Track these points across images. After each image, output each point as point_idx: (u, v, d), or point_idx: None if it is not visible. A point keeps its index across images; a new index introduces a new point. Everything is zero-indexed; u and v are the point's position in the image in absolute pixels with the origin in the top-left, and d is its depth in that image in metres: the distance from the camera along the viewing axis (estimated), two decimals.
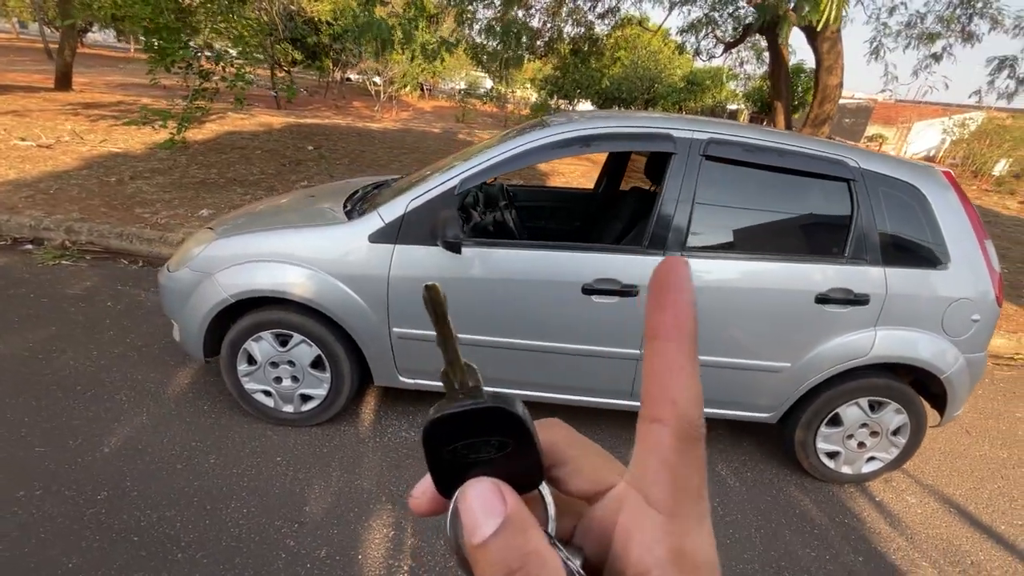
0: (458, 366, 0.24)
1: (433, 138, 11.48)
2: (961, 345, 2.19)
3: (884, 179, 2.14)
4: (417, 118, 19.52)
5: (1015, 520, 2.33)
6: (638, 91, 17.79)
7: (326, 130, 10.80)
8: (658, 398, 0.21)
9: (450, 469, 0.23)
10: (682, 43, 10.82)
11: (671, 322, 0.21)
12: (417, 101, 25.43)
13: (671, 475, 0.21)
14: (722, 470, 2.44)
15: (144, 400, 2.46)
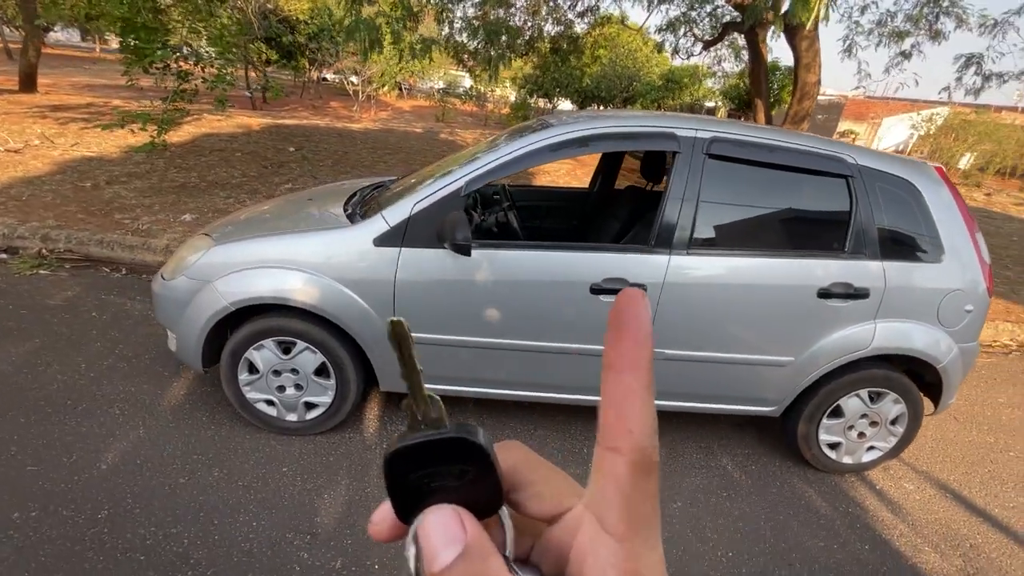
0: (421, 398, 0.25)
1: (415, 138, 11.39)
2: (955, 335, 2.25)
3: (880, 175, 2.19)
4: (396, 118, 19.34)
5: (1007, 503, 2.41)
6: (617, 89, 17.91)
7: (306, 131, 10.62)
8: (615, 427, 0.22)
9: (410, 496, 0.24)
10: (661, 42, 10.94)
11: (628, 354, 0.22)
12: (396, 101, 25.20)
13: (625, 503, 0.22)
14: (727, 464, 2.47)
15: (139, 413, 2.38)
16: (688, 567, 1.90)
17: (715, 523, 2.12)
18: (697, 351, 2.20)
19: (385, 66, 20.12)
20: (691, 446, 2.56)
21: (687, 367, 2.23)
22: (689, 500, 2.22)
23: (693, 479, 2.35)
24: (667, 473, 2.37)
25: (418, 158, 8.89)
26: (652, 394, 0.22)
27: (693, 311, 2.15)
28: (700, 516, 2.14)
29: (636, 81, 17.76)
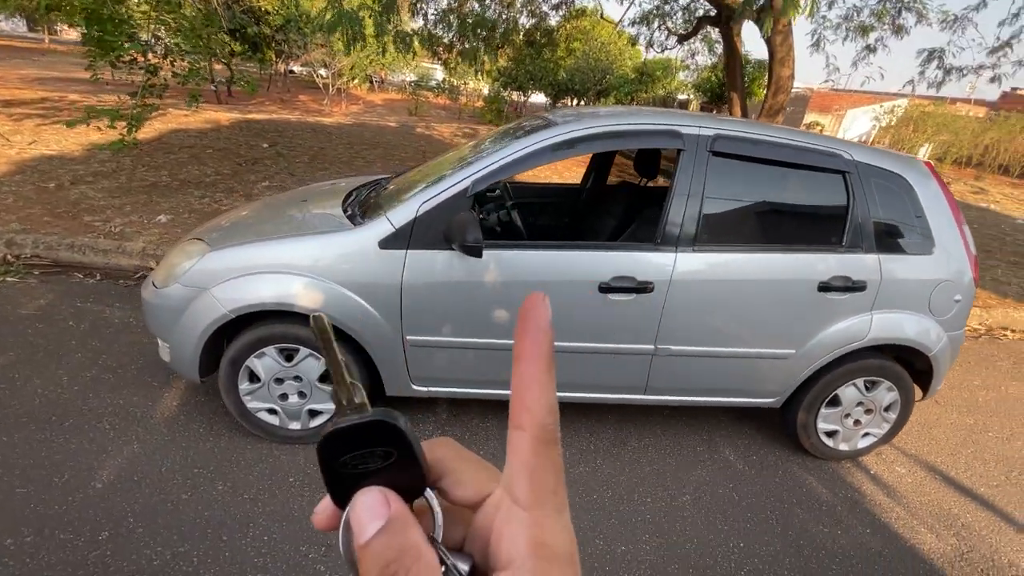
0: (344, 385, 0.27)
1: (391, 133, 11.20)
2: (944, 324, 2.34)
3: (875, 170, 2.25)
4: (368, 111, 18.99)
5: (991, 482, 2.53)
6: (590, 82, 17.96)
7: (278, 126, 10.33)
8: (518, 409, 0.24)
9: (343, 482, 0.26)
10: (635, 35, 11.01)
11: (530, 347, 0.24)
12: (367, 94, 24.71)
13: (529, 474, 0.24)
14: (730, 455, 2.52)
15: (131, 427, 2.28)
16: (704, 560, 1.93)
17: (724, 514, 2.16)
18: (704, 347, 2.23)
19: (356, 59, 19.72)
20: (693, 439, 2.60)
21: (694, 363, 2.25)
22: (697, 493, 2.26)
23: (698, 472, 2.39)
24: (673, 467, 2.40)
25: (397, 153, 8.75)
26: (551, 379, 0.25)
27: (700, 307, 2.18)
28: (709, 508, 2.18)
29: (609, 74, 17.84)
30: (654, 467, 2.39)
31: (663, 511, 2.14)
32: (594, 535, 1.98)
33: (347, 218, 2.23)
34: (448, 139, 11.23)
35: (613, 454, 2.44)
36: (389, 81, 28.40)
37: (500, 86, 19.52)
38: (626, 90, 17.46)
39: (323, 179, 6.42)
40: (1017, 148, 12.63)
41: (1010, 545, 2.16)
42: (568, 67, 16.28)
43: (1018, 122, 12.53)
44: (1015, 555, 2.11)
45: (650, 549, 1.96)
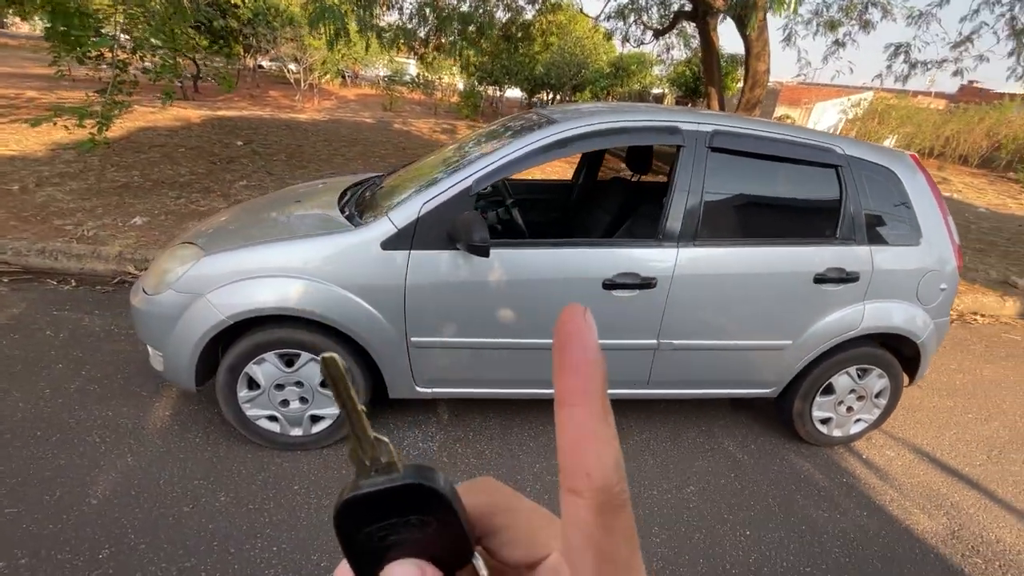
0: (367, 442, 0.22)
1: (368, 129, 11.02)
2: (931, 312, 2.43)
3: (866, 164, 2.31)
4: (342, 107, 18.65)
5: (974, 462, 2.65)
6: (566, 77, 17.98)
7: (250, 123, 10.05)
8: (573, 471, 0.20)
9: (368, 552, 0.22)
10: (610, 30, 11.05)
11: (579, 386, 0.20)
12: (339, 89, 24.24)
13: (595, 550, 0.20)
14: (729, 446, 2.57)
15: (123, 439, 2.20)
16: (714, 549, 1.97)
17: (728, 503, 2.20)
18: (705, 340, 2.27)
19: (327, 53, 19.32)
20: (693, 430, 2.65)
21: (696, 356, 2.29)
22: (701, 484, 2.30)
23: (700, 462, 2.43)
24: (675, 458, 2.44)
25: (376, 150, 8.62)
26: (610, 426, 0.20)
27: (701, 302, 2.21)
28: (714, 498, 2.22)
29: (585, 69, 17.89)
30: (657, 459, 2.42)
31: (670, 503, 2.17)
32: None
33: (346, 219, 2.18)
34: (427, 135, 11.12)
35: None
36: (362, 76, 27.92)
37: (476, 81, 19.37)
38: (602, 84, 17.54)
39: (303, 178, 6.29)
40: (975, 139, 13.16)
41: (996, 522, 2.26)
42: (544, 61, 16.25)
43: (976, 114, 13.07)
44: (1001, 531, 2.21)
45: (660, 541, 1.99)
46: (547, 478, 2.24)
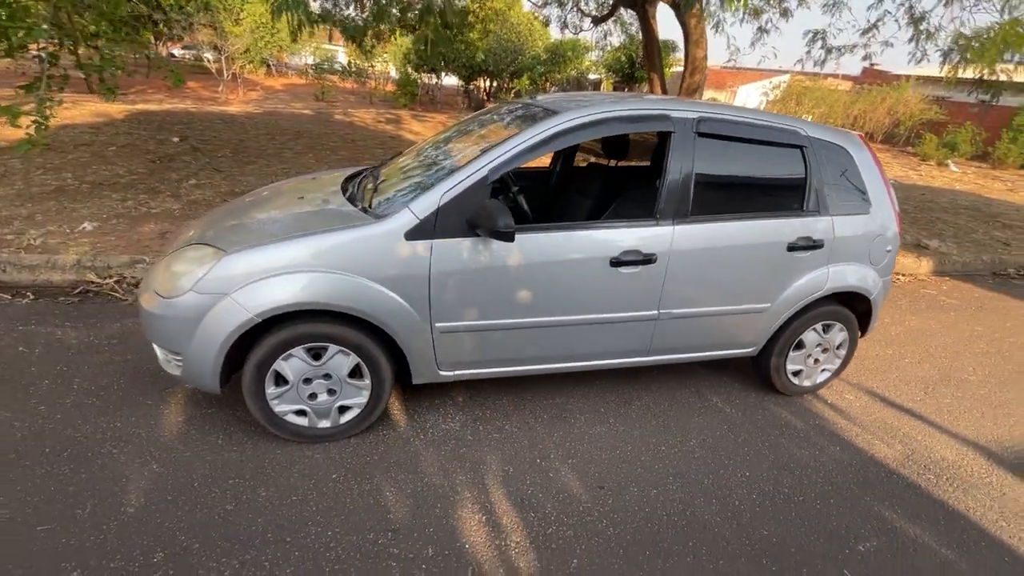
0: None
1: (310, 121, 10.62)
2: (879, 271, 2.80)
3: (824, 144, 2.62)
4: (271, 98, 17.79)
5: (915, 397, 3.09)
6: (504, 64, 18.02)
7: (179, 117, 9.44)
8: None
9: None
10: (547, 17, 11.21)
11: None
12: (264, 79, 23.00)
13: None
14: (718, 402, 2.86)
15: (142, 448, 2.15)
16: (721, 490, 2.23)
17: (727, 451, 2.47)
18: (698, 308, 2.51)
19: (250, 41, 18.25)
20: (685, 392, 2.91)
21: (690, 323, 2.53)
22: (700, 437, 2.56)
23: (697, 419, 2.69)
24: (674, 418, 2.68)
25: (324, 143, 8.37)
26: None
27: (695, 273, 2.44)
28: (715, 448, 2.49)
29: (521, 55, 17.99)
30: (659, 420, 2.66)
31: (678, 456, 2.41)
32: (628, 484, 2.20)
33: (362, 212, 2.23)
34: (372, 126, 10.87)
35: (622, 413, 2.67)
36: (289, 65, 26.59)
37: (412, 68, 18.97)
38: (540, 71, 17.72)
39: (254, 174, 6.06)
40: (879, 117, 14.54)
41: (939, 445, 2.68)
42: (483, 48, 16.22)
43: (879, 94, 14.43)
44: (944, 452, 2.62)
45: (676, 488, 2.22)
46: (567, 445, 2.41)
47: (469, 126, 3.02)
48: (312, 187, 2.70)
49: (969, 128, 13.71)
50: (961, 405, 3.05)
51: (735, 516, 2.11)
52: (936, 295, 4.82)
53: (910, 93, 14.40)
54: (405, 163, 2.80)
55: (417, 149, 3.01)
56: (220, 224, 2.34)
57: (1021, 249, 6.10)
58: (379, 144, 8.78)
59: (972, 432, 2.80)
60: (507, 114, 2.81)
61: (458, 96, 19.98)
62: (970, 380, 3.34)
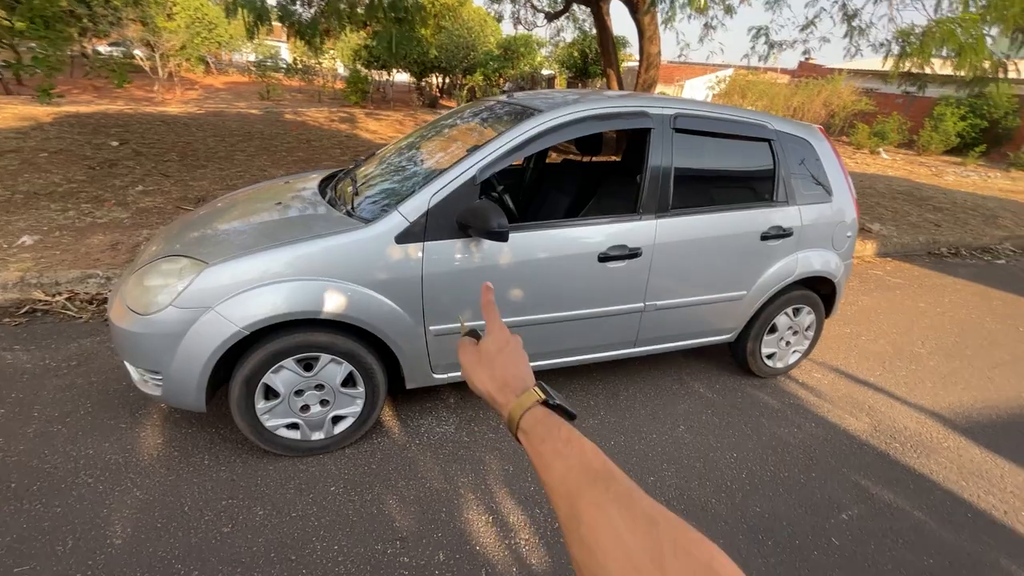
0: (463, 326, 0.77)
1: (259, 121, 10.19)
2: (841, 255, 2.98)
3: (788, 136, 2.75)
4: (211, 97, 16.98)
5: (875, 372, 3.30)
6: (456, 60, 17.85)
7: (115, 119, 8.87)
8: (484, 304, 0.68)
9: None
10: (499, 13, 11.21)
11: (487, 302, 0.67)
12: (203, 77, 21.88)
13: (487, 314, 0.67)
14: (699, 388, 2.96)
15: (121, 475, 2.03)
16: (713, 472, 2.32)
17: (713, 435, 2.57)
18: (681, 298, 2.59)
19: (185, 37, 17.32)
20: (668, 380, 3.00)
21: (674, 313, 2.60)
22: (687, 423, 2.65)
23: (681, 406, 2.79)
24: (661, 406, 2.76)
25: (278, 144, 8.06)
26: (494, 310, 0.67)
27: (677, 264, 2.51)
28: (702, 432, 2.58)
29: (474, 51, 17.88)
30: (647, 409, 2.73)
31: (668, 443, 2.49)
32: (625, 471, 2.25)
33: (347, 215, 2.17)
34: (326, 125, 10.55)
35: (611, 405, 2.73)
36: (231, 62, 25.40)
37: (361, 65, 18.51)
38: (493, 67, 17.66)
39: (205, 179, 5.78)
40: (816, 108, 15.35)
41: (900, 415, 2.88)
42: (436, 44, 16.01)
43: (815, 87, 15.24)
44: (906, 421, 2.82)
45: (671, 474, 2.29)
46: None
47: (444, 125, 2.99)
48: (287, 192, 2.61)
49: (896, 118, 14.69)
50: (915, 377, 3.29)
51: (729, 496, 2.20)
52: (882, 275, 5.16)
53: (843, 86, 15.29)
54: (383, 164, 2.75)
55: (393, 149, 2.95)
56: (193, 234, 2.22)
57: (950, 230, 6.61)
58: (336, 144, 8.54)
59: (928, 401, 3.03)
60: (485, 112, 2.80)
61: (412, 93, 19.66)
62: (920, 353, 3.61)
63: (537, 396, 0.56)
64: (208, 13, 19.88)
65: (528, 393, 0.56)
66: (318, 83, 20.84)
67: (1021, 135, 14.26)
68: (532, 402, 0.55)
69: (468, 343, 0.66)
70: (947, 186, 9.87)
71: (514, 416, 0.55)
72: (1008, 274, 5.55)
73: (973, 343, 3.82)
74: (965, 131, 14.10)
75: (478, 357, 0.63)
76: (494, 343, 0.63)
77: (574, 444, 0.48)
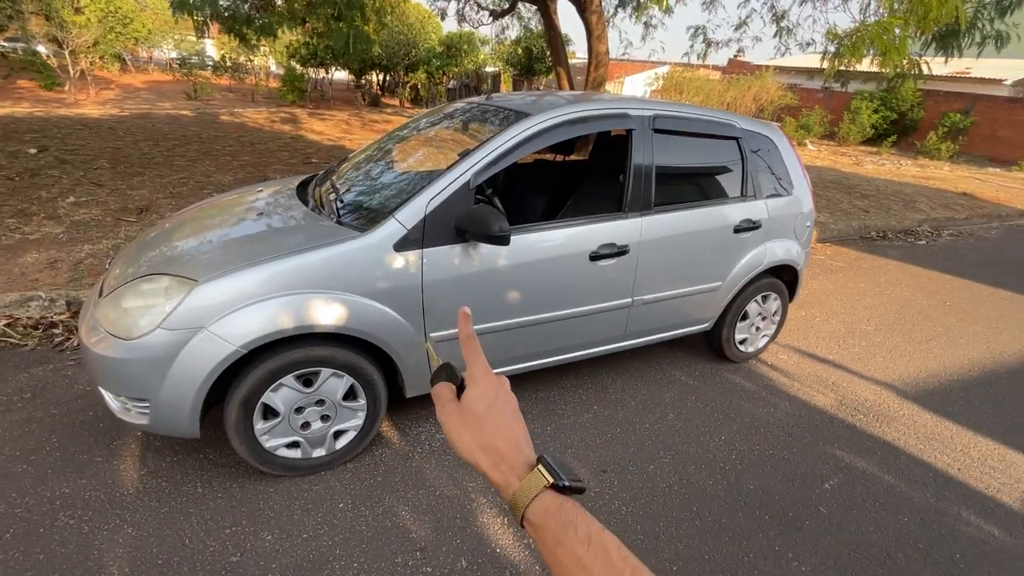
0: (435, 362, 0.60)
1: (194, 124, 9.60)
2: (802, 244, 3.19)
3: (753, 134, 2.92)
4: (132, 98, 15.80)
5: (832, 350, 3.57)
6: (398, 57, 17.51)
7: (27, 124, 8.12)
8: (463, 338, 0.56)
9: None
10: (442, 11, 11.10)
11: (466, 335, 0.56)
12: (120, 76, 20.28)
13: (466, 349, 0.55)
14: (681, 376, 3.10)
15: (106, 512, 1.89)
16: (706, 455, 2.44)
17: (701, 420, 2.70)
18: (666, 291, 2.69)
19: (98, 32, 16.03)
20: (651, 371, 3.12)
21: (659, 306, 2.71)
22: (676, 411, 2.76)
23: (667, 394, 2.90)
24: (648, 396, 2.87)
25: (220, 147, 7.64)
26: (475, 343, 0.55)
27: (661, 259, 2.61)
28: (689, 418, 2.71)
29: (415, 48, 17.60)
30: (636, 400, 2.83)
31: (661, 431, 2.59)
32: (627, 464, 2.34)
33: (338, 224, 2.11)
34: (267, 126, 10.08)
35: (603, 399, 2.81)
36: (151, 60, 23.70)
37: (297, 63, 17.79)
38: (436, 64, 17.47)
39: (144, 187, 5.43)
40: (747, 103, 16.23)
41: (860, 388, 3.13)
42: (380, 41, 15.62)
43: (745, 83, 16.12)
44: (865, 394, 3.07)
45: (668, 460, 2.39)
46: (562, 436, 2.49)
47: (420, 128, 2.96)
48: (264, 201, 2.49)
49: (818, 111, 15.79)
50: (867, 352, 3.58)
51: (723, 476, 2.33)
52: (825, 260, 5.56)
53: (770, 82, 16.25)
54: (363, 170, 2.68)
55: (369, 154, 2.88)
56: (165, 250, 2.09)
57: (877, 215, 7.21)
58: (282, 147, 8.19)
59: (880, 374, 3.31)
60: (464, 115, 2.79)
61: (355, 91, 19.11)
62: (868, 330, 3.93)
63: (544, 479, 0.47)
64: (122, 7, 18.48)
65: (533, 475, 0.47)
66: (250, 82, 19.84)
67: (925, 126, 15.71)
68: (540, 487, 0.46)
69: (445, 397, 0.54)
70: (868, 174, 10.74)
71: (518, 504, 0.47)
72: (929, 254, 6.12)
73: (910, 318, 4.20)
74: (878, 123, 15.37)
75: (462, 419, 0.52)
76: (481, 398, 0.52)
77: (595, 546, 0.42)
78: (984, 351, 3.72)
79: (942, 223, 7.37)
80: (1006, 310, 4.51)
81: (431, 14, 17.34)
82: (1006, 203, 8.91)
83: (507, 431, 0.51)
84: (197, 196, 5.21)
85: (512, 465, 0.49)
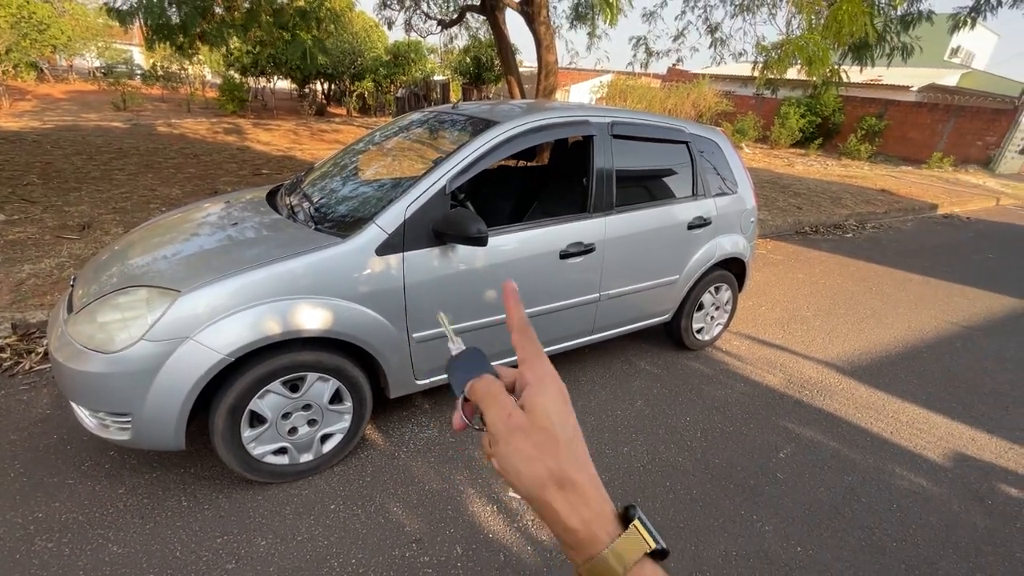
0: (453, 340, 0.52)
1: (128, 136, 9.14)
2: (748, 239, 3.47)
3: (700, 138, 3.16)
4: (52, 109, 14.83)
5: (778, 336, 3.88)
6: (343, 66, 17.27)
7: None
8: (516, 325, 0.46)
9: (460, 382, 0.47)
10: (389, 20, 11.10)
11: (518, 316, 0.45)
12: (37, 86, 18.94)
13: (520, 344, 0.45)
14: (645, 366, 3.29)
15: (87, 533, 1.84)
16: (675, 436, 2.62)
17: (668, 404, 2.89)
18: (629, 286, 2.87)
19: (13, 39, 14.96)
20: (617, 362, 3.29)
21: (623, 300, 2.88)
22: (644, 398, 2.94)
23: (635, 383, 3.08)
24: (617, 385, 3.04)
25: (162, 160, 7.33)
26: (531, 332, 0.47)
27: (624, 256, 2.79)
28: (656, 404, 2.89)
29: (361, 57, 17.42)
30: (607, 391, 2.99)
31: (632, 417, 2.76)
32: (604, 448, 2.48)
33: (317, 231, 2.15)
34: (210, 138, 9.72)
35: (576, 391, 2.95)
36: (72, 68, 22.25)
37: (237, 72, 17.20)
38: (383, 73, 17.36)
39: (82, 203, 5.18)
40: (686, 110, 17.08)
41: (805, 368, 3.43)
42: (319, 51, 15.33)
43: (684, 90, 16.97)
44: (810, 372, 3.37)
45: (641, 442, 2.56)
46: None
47: (388, 135, 3.02)
48: (236, 211, 2.48)
49: (751, 117, 16.82)
50: (808, 336, 3.91)
51: (691, 453, 2.51)
52: (766, 254, 5.98)
53: (707, 89, 17.17)
54: (335, 177, 2.72)
55: (337, 162, 2.92)
56: (141, 262, 2.06)
57: (809, 211, 7.79)
58: (229, 158, 7.93)
59: (821, 354, 3.63)
60: (431, 123, 2.88)
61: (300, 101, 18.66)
62: (807, 316, 4.28)
63: (645, 542, 0.37)
64: (36, 12, 17.30)
65: (630, 534, 0.37)
66: (184, 91, 19.00)
67: (846, 129, 17.04)
68: (641, 553, 0.36)
69: (504, 400, 0.41)
70: (799, 174, 11.55)
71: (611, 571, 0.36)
72: (855, 245, 6.69)
73: (843, 303, 4.60)
74: (805, 127, 16.53)
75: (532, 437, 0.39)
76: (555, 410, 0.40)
77: None
78: (907, 329, 4.14)
79: (865, 217, 8.06)
80: (924, 292, 5.03)
81: (377, 23, 17.30)
82: (918, 198, 9.83)
83: (586, 460, 0.39)
84: (143, 211, 5.01)
85: (598, 514, 0.37)
